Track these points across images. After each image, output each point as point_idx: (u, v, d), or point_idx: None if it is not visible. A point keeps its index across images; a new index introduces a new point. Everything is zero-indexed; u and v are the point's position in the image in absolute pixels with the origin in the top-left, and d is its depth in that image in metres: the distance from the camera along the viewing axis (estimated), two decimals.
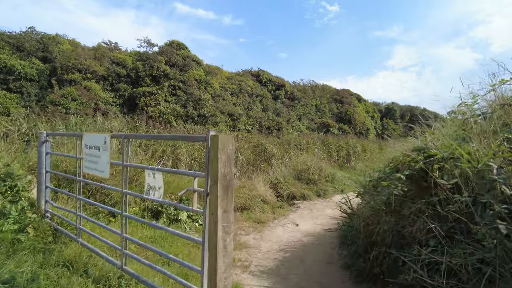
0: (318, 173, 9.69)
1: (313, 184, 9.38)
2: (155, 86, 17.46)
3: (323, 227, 6.93)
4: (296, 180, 9.31)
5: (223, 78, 21.09)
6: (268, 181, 8.95)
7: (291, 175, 9.62)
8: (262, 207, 7.20)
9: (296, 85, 27.17)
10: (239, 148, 11.92)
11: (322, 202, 8.41)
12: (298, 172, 9.75)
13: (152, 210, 5.85)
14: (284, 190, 8.73)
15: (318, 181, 9.45)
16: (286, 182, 8.93)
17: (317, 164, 10.14)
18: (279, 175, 9.56)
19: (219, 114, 17.95)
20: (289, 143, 14.36)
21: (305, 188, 9.05)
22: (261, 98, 21.87)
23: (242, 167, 11.67)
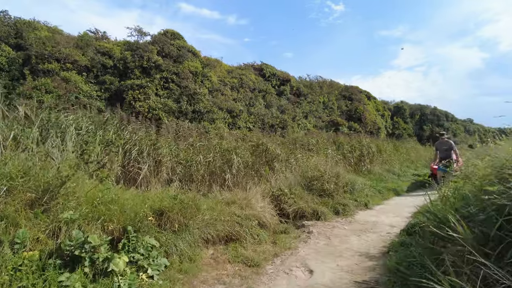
0: (334, 181, 7.50)
1: (328, 196, 7.17)
2: (145, 78, 15.38)
3: (353, 274, 4.36)
4: (306, 191, 7.10)
5: (223, 72, 18.96)
6: (269, 192, 6.77)
7: (299, 184, 7.44)
8: (257, 234, 5.01)
9: (302, 81, 24.96)
10: (234, 148, 9.77)
11: (342, 223, 6.27)
12: (308, 180, 7.55)
13: (66, 255, 3.56)
14: (289, 206, 6.57)
15: (335, 192, 7.25)
16: (293, 194, 6.77)
17: (332, 170, 7.95)
18: (283, 184, 7.43)
19: (217, 110, 15.81)
20: (295, 142, 12.20)
21: (318, 202, 6.89)
22: (264, 93, 19.70)
23: (238, 171, 9.52)
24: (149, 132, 9.04)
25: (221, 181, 9.41)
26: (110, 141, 7.75)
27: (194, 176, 8.85)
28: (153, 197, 4.19)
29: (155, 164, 8.35)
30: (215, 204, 4.86)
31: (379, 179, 10.53)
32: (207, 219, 4.24)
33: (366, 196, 7.98)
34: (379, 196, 8.42)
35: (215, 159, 9.39)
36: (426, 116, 42.54)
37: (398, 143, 20.85)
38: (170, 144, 9.25)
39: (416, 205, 7.38)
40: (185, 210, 4.04)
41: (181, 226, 3.87)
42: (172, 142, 9.45)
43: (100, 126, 7.96)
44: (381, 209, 7.49)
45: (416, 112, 42.19)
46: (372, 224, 5.90)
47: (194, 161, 8.75)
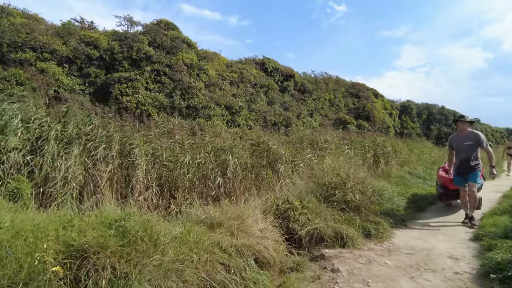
0: (360, 189, 5.61)
1: (354, 211, 5.17)
2: (134, 71, 13.66)
3: None
4: (322, 203, 5.19)
5: (221, 65, 17.20)
6: (272, 206, 4.89)
7: (311, 193, 5.52)
8: (254, 281, 3.00)
9: (307, 77, 23.15)
10: (230, 147, 7.99)
11: (380, 253, 4.18)
12: (325, 189, 5.55)
13: None
14: (301, 225, 4.54)
15: (362, 204, 5.38)
16: (305, 208, 4.77)
17: (356, 174, 6.06)
18: (291, 193, 5.59)
19: (214, 106, 14.04)
20: (301, 141, 10.39)
21: (340, 219, 4.87)
22: (266, 89, 17.92)
23: (234, 175, 7.75)
24: (125, 128, 7.26)
25: (214, 187, 7.65)
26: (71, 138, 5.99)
27: (180, 182, 7.07)
28: (73, 223, 2.42)
29: (126, 167, 6.57)
30: (187, 230, 3.06)
31: (402, 183, 8.69)
32: (168, 262, 2.47)
33: (398, 207, 6.09)
34: (413, 206, 6.57)
35: (206, 160, 7.60)
36: (433, 116, 40.70)
37: (411, 142, 18.94)
38: (151, 141, 7.48)
39: (469, 223, 5.68)
40: (131, 247, 2.34)
41: (117, 278, 2.15)
42: (156, 140, 7.67)
43: (59, 119, 6.19)
44: (424, 227, 5.55)
45: (423, 112, 40.34)
46: (424, 255, 3.94)
47: (180, 163, 6.97)
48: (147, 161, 6.72)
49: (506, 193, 8.85)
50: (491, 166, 6.47)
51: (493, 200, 8.02)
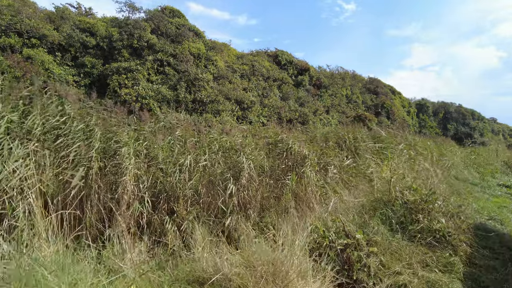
0: (450, 210, 3.82)
1: (443, 243, 3.57)
2: (134, 60, 12.07)
3: None
4: (396, 233, 3.41)
5: (231, 57, 15.53)
6: (319, 239, 3.09)
7: (374, 216, 3.74)
8: None
9: (323, 71, 21.35)
10: (243, 147, 6.32)
11: None
12: (399, 211, 3.78)
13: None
14: (372, 275, 2.77)
15: (455, 233, 3.62)
16: (373, 243, 3.11)
17: (437, 187, 4.32)
18: (339, 212, 3.86)
19: (223, 101, 12.38)
20: (326, 139, 8.68)
21: (433, 262, 3.07)
22: (280, 83, 16.20)
23: (249, 182, 6.09)
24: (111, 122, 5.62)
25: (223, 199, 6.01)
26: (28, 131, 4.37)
27: (180, 191, 5.42)
28: None
29: (113, 172, 4.96)
30: None
31: (457, 193, 6.92)
32: None
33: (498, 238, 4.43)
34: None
35: (214, 163, 5.95)
36: (450, 114, 38.70)
37: (438, 143, 17.04)
38: (146, 139, 5.84)
39: None
40: None
41: None
42: (152, 137, 6.03)
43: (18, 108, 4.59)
44: None
45: (439, 110, 38.36)
46: None
47: (179, 165, 5.33)
48: (138, 163, 5.09)
49: None
50: None
51: None
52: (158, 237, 5.29)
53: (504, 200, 7.50)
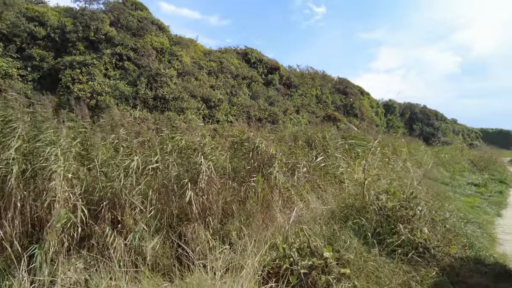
0: (433, 217, 3.25)
1: (429, 261, 2.83)
2: (90, 54, 10.99)
3: None
4: (372, 247, 2.76)
5: (198, 53, 14.70)
6: (277, 252, 2.44)
7: (345, 227, 3.06)
8: None
9: (293, 71, 20.93)
10: (201, 146, 5.59)
11: None
12: (374, 219, 3.15)
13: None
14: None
15: (440, 246, 3.05)
16: (345, 262, 2.48)
17: (417, 190, 3.72)
18: (305, 221, 3.18)
19: (188, 98, 11.55)
20: (295, 138, 8.11)
21: (416, 281, 2.50)
22: (249, 81, 15.55)
23: (209, 185, 5.38)
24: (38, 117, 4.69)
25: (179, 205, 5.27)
26: None
27: (126, 198, 4.61)
28: None
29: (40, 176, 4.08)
30: None
31: (436, 195, 6.55)
32: None
33: (481, 244, 3.82)
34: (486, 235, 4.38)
35: (167, 165, 5.18)
36: (416, 115, 39.94)
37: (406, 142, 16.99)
38: (87, 138, 4.97)
39: None
40: None
41: None
42: (93, 136, 5.14)
43: None
44: None
45: (406, 111, 39.44)
46: None
47: (123, 169, 4.52)
48: (69, 166, 4.22)
49: None
50: None
51: None
52: (100, 252, 4.45)
53: (475, 200, 7.25)
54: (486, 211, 6.19)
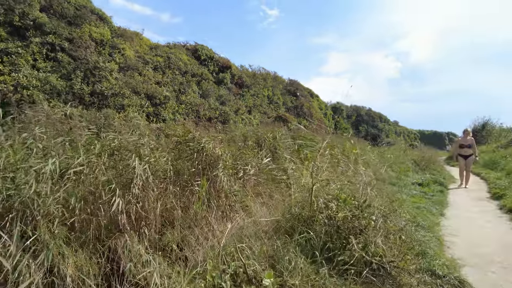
0: (389, 228, 2.95)
1: (384, 276, 2.34)
2: (15, 42, 9.62)
3: None
4: (321, 267, 2.40)
5: (143, 47, 13.71)
6: (206, 281, 2.06)
7: (290, 242, 2.66)
8: None
9: (245, 70, 20.57)
10: (138, 147, 4.92)
11: None
12: (324, 232, 2.71)
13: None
14: None
15: (396, 261, 2.73)
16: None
17: (370, 196, 3.35)
18: (248, 234, 2.73)
19: (130, 94, 10.62)
20: (245, 139, 7.68)
21: None
22: (199, 79, 14.86)
23: (145, 191, 4.74)
24: None
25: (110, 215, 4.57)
26: None
27: (38, 208, 3.82)
28: None
29: None
30: None
31: (388, 199, 6.45)
32: None
33: (428, 246, 3.59)
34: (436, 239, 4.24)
35: (94, 168, 4.44)
36: (361, 117, 41.68)
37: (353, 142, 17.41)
38: None
39: None
40: None
41: None
42: None
43: None
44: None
45: (353, 113, 41.04)
46: None
47: (35, 173, 3.74)
48: None
49: None
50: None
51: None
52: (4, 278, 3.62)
53: (420, 200, 7.35)
54: (431, 211, 6.25)
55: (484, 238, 4.95)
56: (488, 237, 5.02)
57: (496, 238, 4.98)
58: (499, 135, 26.85)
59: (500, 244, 4.67)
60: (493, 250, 4.37)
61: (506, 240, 4.86)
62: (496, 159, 14.42)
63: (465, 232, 5.21)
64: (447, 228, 5.24)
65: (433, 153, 19.75)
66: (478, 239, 4.86)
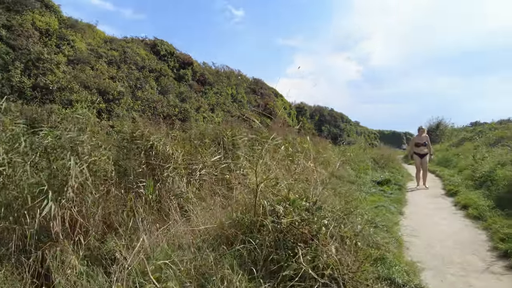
0: (343, 234, 2.64)
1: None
2: None
3: None
4: (264, 282, 2.09)
5: (97, 39, 12.81)
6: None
7: (229, 242, 2.30)
8: None
9: (207, 68, 20.02)
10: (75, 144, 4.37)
11: None
12: (268, 240, 2.36)
13: None
14: None
15: (350, 273, 2.45)
16: None
17: (323, 196, 3.02)
18: (178, 248, 2.37)
19: (79, 89, 9.79)
20: (203, 137, 7.26)
21: None
22: (157, 75, 14.16)
23: (82, 194, 4.20)
24: None
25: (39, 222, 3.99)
26: None
27: None
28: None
29: None
30: None
31: (344, 199, 6.29)
32: None
33: (387, 249, 3.34)
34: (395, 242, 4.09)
35: (17, 169, 3.86)
36: (324, 117, 42.46)
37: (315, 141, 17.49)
38: None
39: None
40: None
41: None
42: None
43: None
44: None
45: (316, 113, 41.69)
46: None
47: None
48: None
49: None
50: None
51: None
52: None
53: (380, 198, 7.33)
54: (390, 210, 6.19)
55: (442, 236, 4.92)
56: (445, 235, 5.00)
57: (453, 236, 4.99)
58: (451, 134, 28.33)
59: (457, 242, 4.66)
60: (451, 250, 4.32)
61: (462, 238, 4.87)
62: (449, 157, 15.09)
63: (423, 231, 5.17)
64: (406, 228, 5.18)
65: (392, 152, 20.35)
66: (436, 238, 4.82)
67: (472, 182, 8.45)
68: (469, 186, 8.23)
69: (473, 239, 4.85)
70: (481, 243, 4.60)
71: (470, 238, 4.89)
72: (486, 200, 6.46)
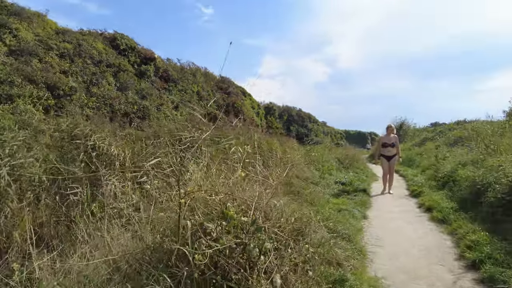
0: (289, 256, 2.28)
1: None
2: None
3: None
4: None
5: (48, 30, 11.78)
6: None
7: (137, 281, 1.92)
8: None
9: (172, 64, 19.23)
10: None
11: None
12: (196, 270, 1.99)
13: None
14: None
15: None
16: None
17: (274, 206, 2.66)
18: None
19: (22, 83, 8.85)
20: (157, 136, 6.71)
21: None
22: (116, 70, 13.30)
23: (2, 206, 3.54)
24: None
25: None
26: None
27: None
28: None
29: None
30: None
31: (302, 199, 5.98)
32: None
33: (348, 266, 3.04)
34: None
35: None
36: (293, 117, 42.79)
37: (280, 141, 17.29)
38: None
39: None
40: None
41: None
42: None
43: None
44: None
45: (284, 113, 41.89)
46: None
47: None
48: None
49: None
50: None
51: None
52: None
53: (343, 201, 7.14)
54: (354, 214, 5.97)
55: (406, 245, 4.72)
56: (410, 242, 4.82)
57: (418, 242, 4.82)
58: (413, 134, 29.35)
59: (423, 249, 4.48)
60: (417, 260, 4.09)
61: (428, 243, 4.72)
62: (412, 157, 15.41)
63: (388, 238, 4.96)
64: (370, 234, 4.96)
65: (357, 151, 20.62)
66: (401, 246, 4.61)
67: (435, 183, 8.50)
68: (432, 187, 8.27)
69: (439, 245, 4.70)
70: (447, 250, 4.45)
71: (436, 244, 4.74)
72: (449, 201, 6.43)
